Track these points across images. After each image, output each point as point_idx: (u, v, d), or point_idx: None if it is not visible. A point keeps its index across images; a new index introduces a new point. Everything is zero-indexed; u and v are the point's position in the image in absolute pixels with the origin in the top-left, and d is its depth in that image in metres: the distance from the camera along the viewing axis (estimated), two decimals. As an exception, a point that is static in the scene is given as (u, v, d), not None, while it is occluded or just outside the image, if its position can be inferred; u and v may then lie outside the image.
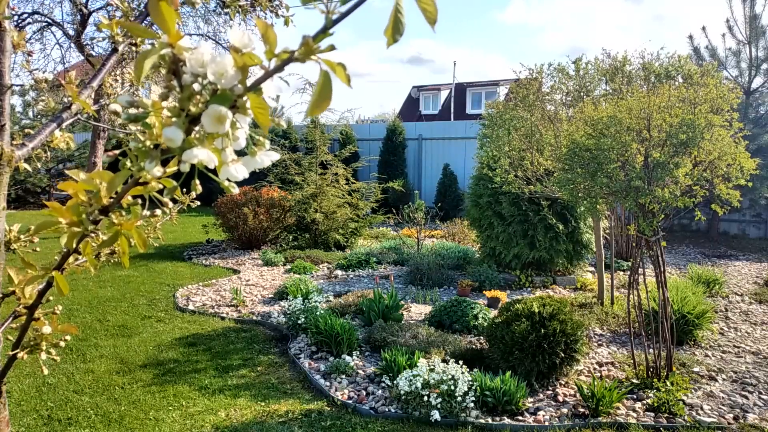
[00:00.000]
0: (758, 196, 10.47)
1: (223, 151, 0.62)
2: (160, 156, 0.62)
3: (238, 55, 0.58)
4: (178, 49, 0.59)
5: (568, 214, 7.26)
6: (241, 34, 0.59)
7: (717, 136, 3.81)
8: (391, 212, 11.40)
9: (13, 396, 4.01)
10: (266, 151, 0.67)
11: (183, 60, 0.59)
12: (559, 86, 6.36)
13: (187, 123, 0.59)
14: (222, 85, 0.58)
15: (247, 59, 0.58)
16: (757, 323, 5.80)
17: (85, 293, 6.78)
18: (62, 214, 0.69)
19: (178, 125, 0.59)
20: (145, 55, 0.58)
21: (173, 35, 0.58)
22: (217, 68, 0.58)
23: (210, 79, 0.58)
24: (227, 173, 0.63)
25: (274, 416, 3.70)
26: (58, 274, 0.80)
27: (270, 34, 0.58)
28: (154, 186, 0.67)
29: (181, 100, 0.59)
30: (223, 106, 0.58)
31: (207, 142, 0.61)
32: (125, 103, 0.63)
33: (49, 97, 1.27)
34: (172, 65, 0.59)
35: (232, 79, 0.58)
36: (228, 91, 0.58)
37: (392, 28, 0.59)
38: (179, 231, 11.80)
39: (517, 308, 4.26)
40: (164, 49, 0.59)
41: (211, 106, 0.58)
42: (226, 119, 0.58)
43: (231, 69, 0.58)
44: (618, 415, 3.68)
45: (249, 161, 0.66)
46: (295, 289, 6.25)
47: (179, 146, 0.59)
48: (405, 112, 28.63)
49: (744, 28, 11.36)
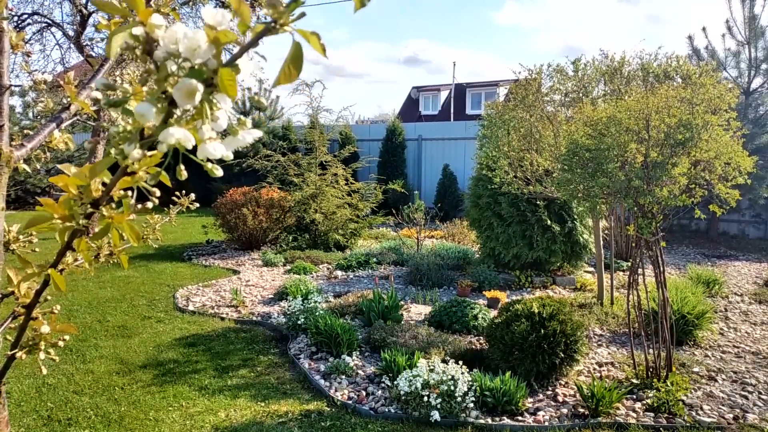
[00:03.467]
0: (757, 196, 10.47)
1: (200, 129, 0.61)
2: (138, 138, 0.62)
3: (210, 29, 0.57)
4: (150, 27, 0.57)
5: (565, 215, 7.26)
6: (214, 12, 0.58)
7: (715, 136, 3.81)
8: (391, 213, 11.41)
9: (13, 396, 4.01)
10: (248, 129, 0.65)
11: (156, 40, 0.58)
12: (558, 87, 6.36)
13: (166, 105, 0.58)
14: (195, 60, 0.57)
15: (221, 35, 0.57)
16: (756, 323, 5.80)
17: (85, 294, 6.78)
18: (54, 209, 0.69)
19: (150, 101, 0.58)
20: (115, 32, 0.57)
21: (142, 11, 0.57)
22: (190, 44, 0.57)
23: (183, 54, 0.57)
24: (205, 151, 0.62)
25: (273, 416, 3.70)
26: (54, 272, 0.80)
27: (243, 8, 0.57)
28: (141, 176, 0.67)
29: (157, 80, 0.58)
30: (194, 79, 0.57)
31: (187, 123, 0.60)
32: (102, 86, 0.62)
33: (48, 97, 1.28)
34: (146, 45, 0.58)
35: (205, 54, 0.57)
36: (202, 66, 0.57)
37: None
38: (179, 231, 11.80)
39: (516, 308, 4.26)
40: (135, 28, 0.57)
41: (181, 80, 0.57)
42: (196, 92, 0.57)
43: (204, 43, 0.57)
44: (618, 415, 3.68)
45: (231, 140, 0.65)
46: (295, 289, 6.26)
47: (158, 126, 0.58)
48: (405, 113, 28.63)
49: (743, 29, 11.36)
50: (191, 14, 12.77)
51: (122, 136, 0.61)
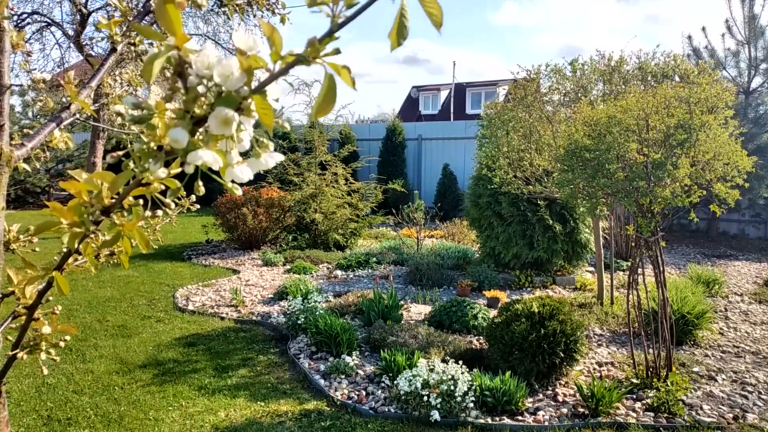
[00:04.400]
0: (757, 196, 10.47)
1: (229, 153, 0.63)
2: (164, 157, 0.63)
3: (244, 57, 0.58)
4: (185, 52, 0.59)
5: (566, 215, 7.26)
6: (246, 37, 0.59)
7: (713, 136, 3.81)
8: (391, 212, 11.40)
9: (13, 396, 4.00)
10: (270, 152, 0.67)
11: (189, 62, 0.59)
12: (557, 87, 6.36)
13: (192, 125, 0.60)
14: (227, 87, 0.59)
15: (252, 62, 0.58)
16: (756, 323, 5.80)
17: (85, 293, 6.77)
18: (63, 214, 0.69)
19: (183, 126, 0.59)
20: (154, 57, 0.59)
21: (180, 37, 0.59)
22: (223, 70, 0.58)
23: (216, 81, 0.59)
24: (232, 175, 0.64)
25: (273, 416, 3.70)
26: (59, 275, 0.80)
27: (276, 36, 0.58)
28: (156, 187, 0.67)
29: (186, 101, 0.59)
30: (230, 108, 0.58)
31: (211, 144, 0.61)
32: (131, 105, 0.63)
33: (47, 97, 1.27)
34: (178, 67, 0.59)
35: (238, 82, 0.58)
36: (233, 93, 0.59)
37: (396, 32, 0.59)
38: (179, 231, 11.80)
39: (516, 308, 4.26)
40: (171, 52, 0.59)
41: (217, 108, 0.58)
42: (232, 121, 0.58)
43: (237, 71, 0.58)
44: (618, 415, 3.68)
45: (253, 163, 0.67)
46: (295, 289, 6.25)
47: (184, 148, 0.59)
48: (404, 112, 28.63)
49: (743, 29, 11.37)
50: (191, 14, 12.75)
51: (144, 153, 0.62)
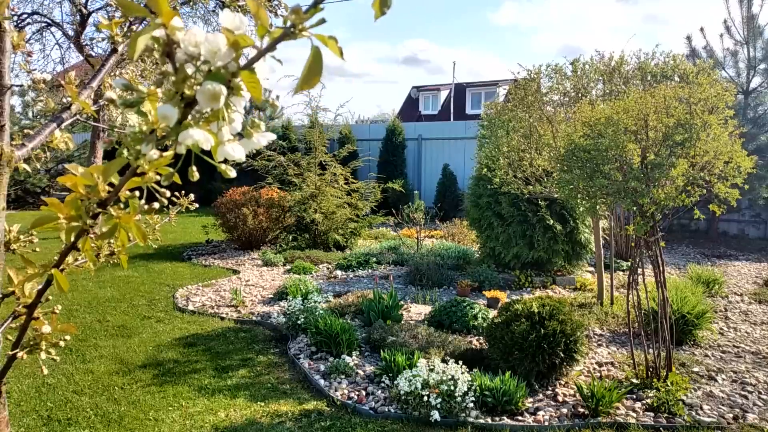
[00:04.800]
0: (757, 196, 10.47)
1: (220, 130, 0.62)
2: (155, 139, 0.63)
3: (230, 33, 0.59)
4: (171, 29, 0.59)
5: (566, 215, 7.26)
6: (232, 16, 0.60)
7: (713, 136, 3.81)
8: (391, 212, 11.40)
9: (13, 396, 4.00)
10: (262, 132, 0.67)
11: (177, 42, 0.59)
12: (557, 87, 6.36)
13: (182, 106, 0.60)
14: (215, 63, 0.59)
15: (240, 39, 0.59)
16: (756, 323, 5.80)
17: (85, 294, 6.77)
18: (60, 209, 0.69)
19: (172, 103, 0.59)
20: (139, 34, 0.59)
21: (166, 13, 0.58)
22: (211, 46, 0.59)
23: (204, 57, 0.59)
24: (224, 153, 0.63)
25: (273, 416, 3.70)
26: (58, 272, 0.80)
27: (261, 13, 0.58)
28: (151, 177, 0.67)
29: (175, 82, 0.59)
30: (217, 83, 0.58)
31: (203, 125, 0.61)
32: (121, 86, 0.63)
33: (48, 97, 1.28)
34: (166, 47, 0.59)
35: (226, 57, 0.59)
36: (222, 69, 0.59)
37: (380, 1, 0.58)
38: (179, 231, 11.80)
39: (516, 308, 4.26)
40: (157, 30, 0.59)
41: (205, 82, 0.58)
42: (220, 96, 0.58)
43: (224, 47, 0.59)
44: (618, 415, 3.68)
45: (246, 142, 0.66)
46: (295, 289, 6.25)
47: (174, 127, 0.60)
48: (404, 113, 28.62)
49: (742, 29, 11.37)
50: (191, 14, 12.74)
51: (137, 138, 0.62)
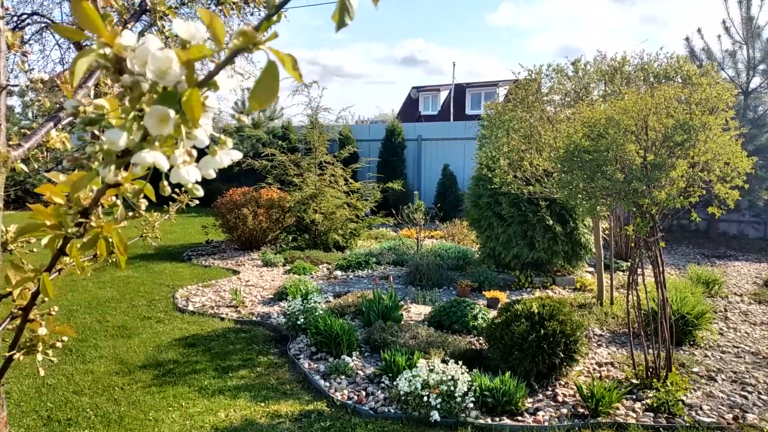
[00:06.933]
0: (757, 197, 10.46)
1: (173, 153, 0.58)
2: (115, 160, 0.59)
3: (183, 50, 0.55)
4: (117, 48, 0.55)
5: (567, 215, 7.25)
6: (186, 25, 0.56)
7: (713, 137, 3.80)
8: (391, 213, 11.40)
9: (12, 397, 4.00)
10: (228, 150, 0.63)
11: (125, 59, 0.55)
12: (558, 87, 6.36)
13: (141, 124, 0.56)
14: (164, 83, 0.54)
15: (194, 53, 0.54)
16: (756, 323, 5.80)
17: (85, 294, 6.77)
18: (45, 216, 0.68)
19: (121, 127, 0.55)
20: (80, 55, 0.55)
21: (106, 35, 0.55)
22: (159, 65, 0.54)
23: (151, 78, 0.54)
24: (178, 177, 0.59)
25: (273, 417, 3.70)
26: (45, 277, 0.80)
27: (216, 24, 0.54)
28: (126, 188, 0.64)
29: (131, 100, 0.56)
30: (166, 106, 0.54)
31: (166, 143, 0.57)
32: (71, 109, 0.59)
33: (45, 97, 1.27)
34: (116, 65, 0.56)
35: (176, 76, 0.54)
36: (173, 90, 0.55)
37: (339, 12, 0.56)
38: (179, 231, 11.79)
39: (516, 309, 4.26)
40: (103, 48, 0.55)
41: (152, 107, 0.54)
42: (168, 120, 0.54)
43: (175, 65, 0.54)
44: (617, 416, 3.68)
45: (207, 161, 0.61)
46: (295, 289, 6.25)
47: (124, 148, 0.56)
48: (404, 113, 28.62)
49: (741, 29, 11.36)
50: (191, 14, 12.75)
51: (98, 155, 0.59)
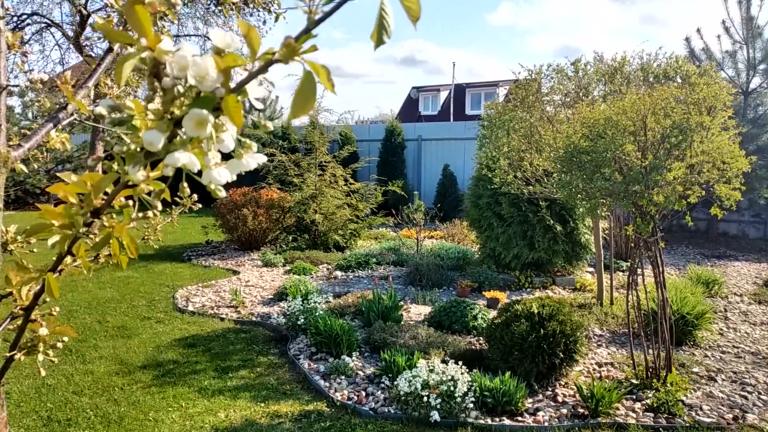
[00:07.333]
0: (757, 196, 10.46)
1: (206, 154, 0.61)
2: (143, 160, 0.62)
3: (220, 57, 0.57)
4: (158, 53, 0.58)
5: (566, 215, 7.25)
6: (223, 35, 0.58)
7: (710, 137, 3.80)
8: (391, 213, 11.40)
9: (12, 397, 4.00)
10: (253, 153, 0.66)
11: (163, 63, 0.58)
12: (558, 87, 6.36)
13: (171, 126, 0.59)
14: (203, 88, 0.57)
15: (230, 61, 0.57)
16: (756, 324, 5.80)
17: (85, 294, 6.77)
18: (54, 216, 0.68)
19: (159, 129, 0.58)
20: (125, 59, 0.58)
21: (151, 39, 0.57)
22: (198, 71, 0.57)
23: (191, 82, 0.57)
24: (210, 177, 0.63)
25: (273, 417, 3.70)
26: (51, 277, 0.80)
27: (252, 35, 0.57)
28: (143, 188, 0.66)
29: (164, 103, 0.58)
30: (205, 110, 0.57)
31: (192, 145, 0.60)
32: (108, 108, 0.62)
33: (44, 97, 1.27)
34: (153, 68, 0.58)
35: (214, 82, 0.57)
36: (210, 94, 0.57)
37: (377, 31, 0.58)
38: (179, 232, 11.79)
39: (516, 309, 4.26)
40: (144, 53, 0.58)
41: (192, 110, 0.57)
42: (207, 123, 0.57)
43: (213, 71, 0.57)
44: (617, 416, 3.68)
45: (234, 164, 0.65)
46: (295, 290, 6.25)
47: (160, 149, 0.58)
48: (404, 113, 28.63)
49: (741, 29, 11.36)
50: (191, 14, 12.74)
51: (127, 155, 0.61)
